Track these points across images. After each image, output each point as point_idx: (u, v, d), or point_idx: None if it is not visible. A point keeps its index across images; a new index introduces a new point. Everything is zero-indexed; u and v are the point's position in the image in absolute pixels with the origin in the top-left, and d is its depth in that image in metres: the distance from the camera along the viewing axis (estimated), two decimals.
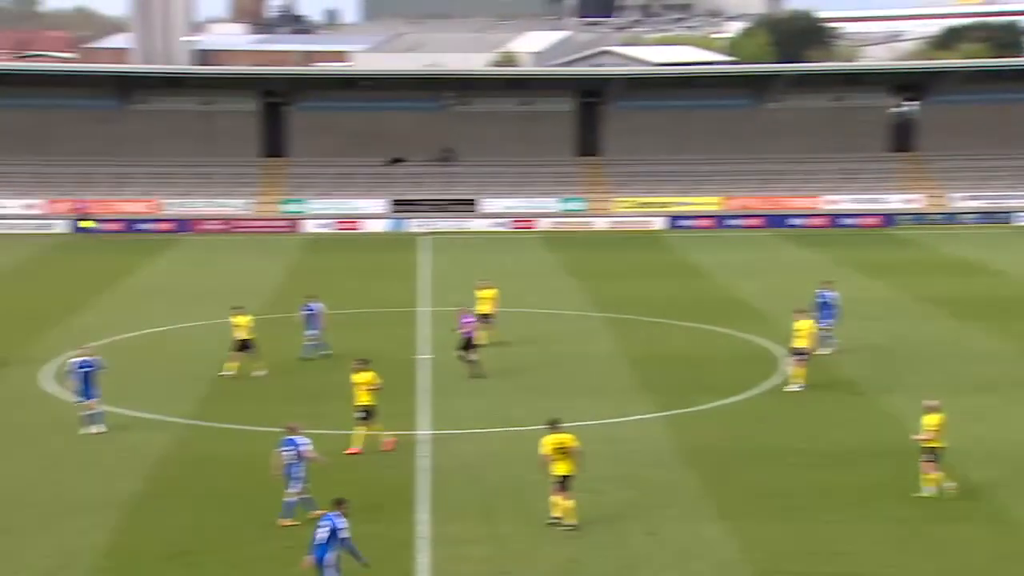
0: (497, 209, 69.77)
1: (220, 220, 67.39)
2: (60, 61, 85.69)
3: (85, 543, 20.61)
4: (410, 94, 74.75)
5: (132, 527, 21.55)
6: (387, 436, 26.11)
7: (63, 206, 67.31)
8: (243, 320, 32.37)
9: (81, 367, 27.02)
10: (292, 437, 21.61)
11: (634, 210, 69.99)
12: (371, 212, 69.32)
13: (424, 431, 27.73)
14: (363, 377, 25.89)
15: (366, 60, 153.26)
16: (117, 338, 37.62)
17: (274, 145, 73.60)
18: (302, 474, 21.47)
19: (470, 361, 32.71)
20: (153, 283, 49.70)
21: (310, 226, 67.47)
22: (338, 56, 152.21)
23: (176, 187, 69.89)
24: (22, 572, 19.46)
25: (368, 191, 70.95)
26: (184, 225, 66.55)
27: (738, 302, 44.71)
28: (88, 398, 26.97)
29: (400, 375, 33.09)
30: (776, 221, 68.05)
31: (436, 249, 60.26)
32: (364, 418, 25.76)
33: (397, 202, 70.08)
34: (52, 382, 31.87)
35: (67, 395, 30.20)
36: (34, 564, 19.72)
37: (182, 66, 77.46)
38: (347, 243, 63.27)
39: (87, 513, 22.04)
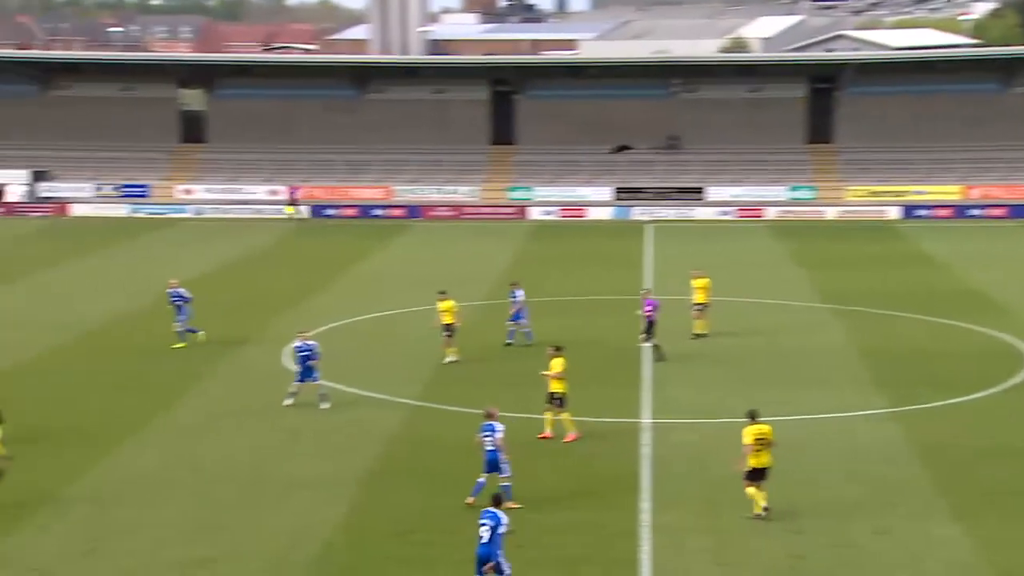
0: (723, 197, 68.86)
1: (449, 206, 68.91)
2: (303, 53, 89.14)
3: (319, 518, 21.50)
4: (637, 81, 74.54)
5: (362, 504, 22.35)
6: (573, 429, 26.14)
7: (301, 192, 70.16)
8: (447, 305, 32.98)
9: (299, 351, 28.20)
10: (491, 423, 21.90)
11: (867, 199, 67.87)
12: (596, 200, 69.54)
13: (646, 419, 27.70)
14: (553, 364, 25.97)
15: (594, 48, 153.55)
16: (350, 320, 39.01)
17: (502, 133, 74.73)
18: (506, 458, 21.69)
19: (653, 345, 32.96)
20: (385, 268, 51.26)
21: (536, 213, 68.21)
22: (566, 44, 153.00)
23: (408, 174, 71.86)
24: (263, 543, 20.44)
25: (593, 179, 71.23)
26: (415, 211, 68.34)
27: (978, 295, 42.80)
28: (303, 380, 28.14)
29: (624, 363, 33.20)
30: (1022, 211, 64.74)
31: (660, 237, 59.99)
32: (556, 404, 25.91)
33: (621, 190, 70.06)
34: (290, 361, 33.29)
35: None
36: (273, 536, 20.69)
37: (416, 56, 79.31)
38: (572, 230, 63.67)
39: (321, 489, 22.98)
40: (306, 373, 28.18)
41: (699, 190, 69.65)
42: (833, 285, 45.10)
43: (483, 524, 17.49)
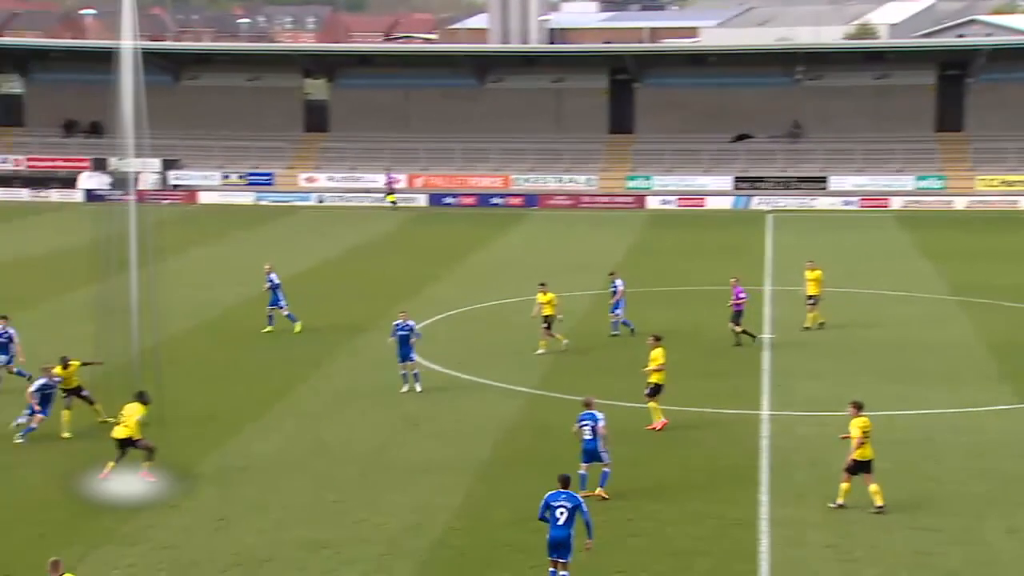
0: (847, 187, 67.58)
1: (566, 195, 68.93)
2: (423, 42, 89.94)
3: (440, 502, 21.75)
4: (759, 69, 73.48)
5: (480, 491, 22.54)
6: (660, 418, 26.00)
7: (421, 180, 70.88)
8: (547, 297, 32.87)
9: (398, 329, 28.64)
10: (591, 412, 21.85)
11: (999, 188, 65.97)
12: (715, 189, 68.84)
13: (766, 411, 27.40)
14: (654, 355, 25.94)
15: (715, 35, 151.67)
16: (467, 308, 39.31)
17: (621, 122, 74.42)
18: (605, 447, 21.63)
19: (738, 333, 33.11)
20: (503, 256, 51.51)
21: (654, 202, 67.82)
22: (687, 32, 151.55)
23: (526, 163, 72.05)
24: (386, 524, 20.77)
25: (712, 168, 70.53)
26: (532, 200, 68.51)
27: None
28: (404, 360, 28.63)
29: (743, 354, 32.88)
30: None
31: (781, 227, 59.14)
32: (649, 394, 25.90)
33: (741, 179, 69.25)
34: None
35: (423, 361, 31.93)
36: (393, 520, 20.99)
37: (536, 45, 79.35)
38: (690, 220, 63.16)
39: (439, 474, 23.24)
40: (405, 352, 28.54)
41: (822, 179, 68.47)
42: (961, 277, 43.98)
43: (560, 506, 17.32)
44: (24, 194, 70.86)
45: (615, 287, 35.03)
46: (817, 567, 19.14)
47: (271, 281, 35.88)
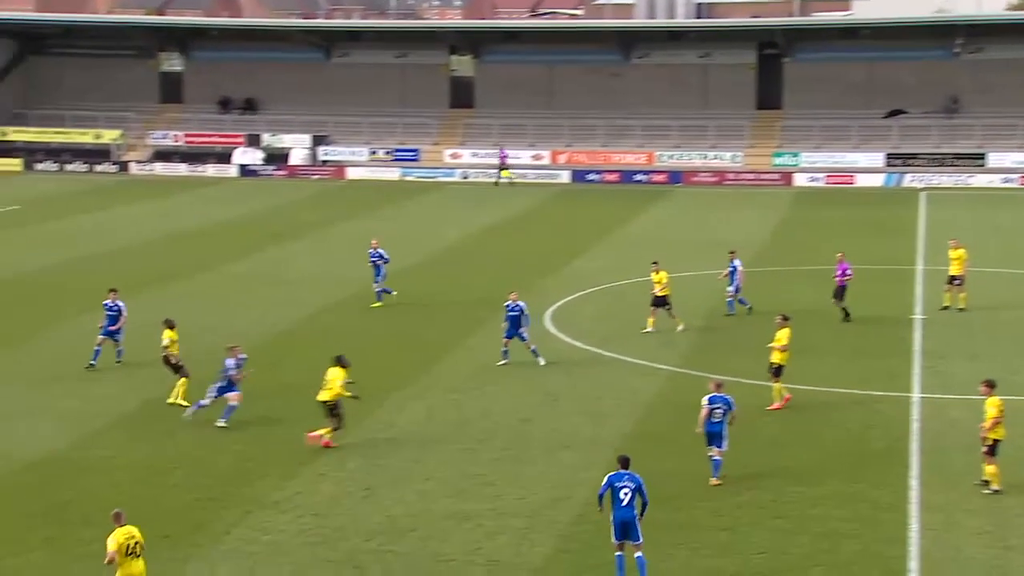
0: (1006, 164, 65.13)
1: (711, 172, 68.05)
2: (568, 18, 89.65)
3: (581, 477, 21.74)
4: (914, 42, 71.15)
5: None
6: (781, 399, 25.62)
7: (564, 157, 70.80)
8: (660, 277, 32.31)
9: (511, 311, 28.87)
10: (723, 394, 21.53)
11: None
12: (866, 166, 67.07)
13: (917, 393, 26.65)
14: (779, 335, 25.57)
15: (868, 7, 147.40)
16: (610, 285, 39.14)
17: (768, 97, 73.03)
18: (725, 432, 21.33)
19: (842, 309, 32.59)
20: (646, 232, 51.12)
21: (801, 179, 66.45)
22: (839, 4, 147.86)
23: (670, 139, 71.32)
24: (528, 497, 20.87)
25: (863, 144, 68.71)
26: (677, 177, 67.82)
27: None
28: (509, 337, 28.84)
29: (895, 335, 32.07)
30: None
31: (935, 205, 57.36)
32: (773, 373, 25.57)
33: (893, 156, 67.33)
34: (553, 323, 33.73)
35: (566, 336, 31.96)
36: (535, 494, 21.07)
37: (682, 20, 78.34)
38: (839, 197, 61.71)
39: (582, 449, 23.23)
40: (512, 332, 28.79)
41: (980, 156, 66.13)
42: None
43: (623, 487, 17.35)
44: (182, 168, 73.12)
45: (733, 266, 34.32)
46: (970, 553, 18.56)
47: (378, 256, 36.07)
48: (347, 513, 20.20)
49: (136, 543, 15.98)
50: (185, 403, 25.62)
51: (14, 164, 74.53)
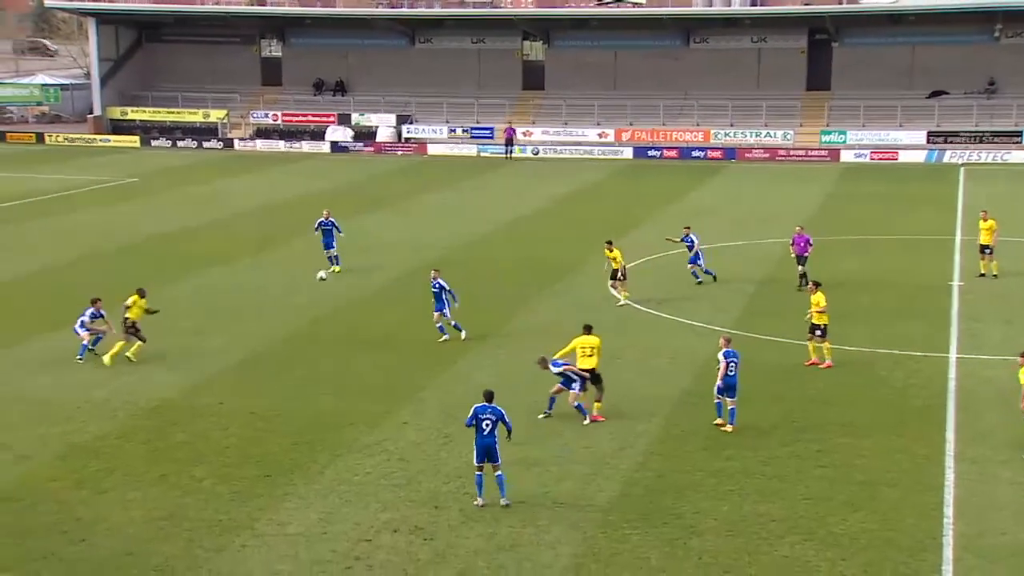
0: None
1: (764, 149, 67.17)
2: (632, 6, 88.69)
3: (639, 430, 21.70)
4: (957, 28, 69.39)
5: (678, 421, 22.34)
6: (830, 357, 25.36)
7: (627, 135, 70.28)
8: (614, 254, 31.61)
9: (433, 287, 27.83)
10: (733, 349, 21.58)
11: None
12: (908, 143, 65.72)
13: (953, 354, 26.18)
14: (815, 299, 25.47)
15: None
16: (669, 254, 38.83)
17: (818, 79, 71.86)
18: (735, 383, 21.41)
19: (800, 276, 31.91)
20: (701, 205, 50.61)
21: (847, 156, 65.33)
22: None
23: (725, 118, 70.45)
24: (593, 447, 20.90)
25: (906, 123, 67.32)
26: (731, 153, 67.05)
27: None
28: (438, 311, 27.83)
29: (933, 300, 31.50)
30: None
31: (974, 180, 56.08)
32: (819, 335, 25.37)
33: (934, 134, 65.88)
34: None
35: (628, 300, 31.81)
36: (598, 444, 21.08)
37: (738, 8, 77.15)
38: (883, 172, 60.57)
39: (643, 403, 23.15)
40: (440, 307, 27.79)
41: (1017, 134, 64.47)
42: None
43: (486, 418, 18.07)
44: (280, 145, 73.74)
45: (690, 241, 33.77)
46: (1004, 500, 18.25)
47: (329, 224, 35.78)
48: (428, 458, 20.35)
49: None
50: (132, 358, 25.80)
51: (133, 141, 75.72)
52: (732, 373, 21.47)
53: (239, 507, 18.25)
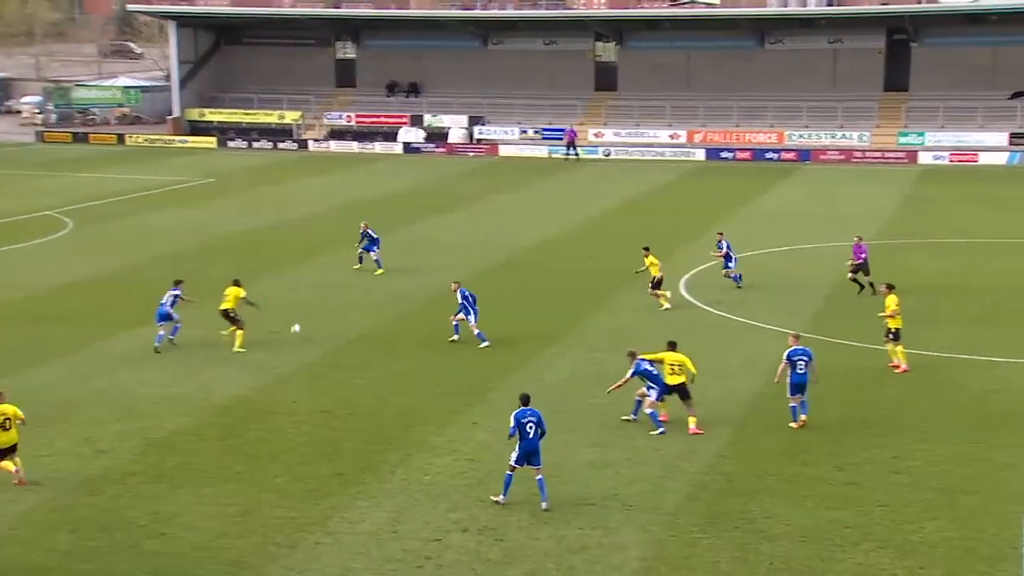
0: None
1: (839, 150, 66.23)
2: (706, 7, 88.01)
3: (712, 432, 21.51)
4: None
5: (750, 423, 22.12)
6: (906, 361, 25.01)
7: (699, 136, 69.79)
8: (650, 260, 31.24)
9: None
10: (803, 347, 21.67)
11: None
12: (989, 145, 64.33)
13: None
14: (887, 302, 25.13)
15: None
16: (741, 255, 38.45)
17: (896, 80, 70.64)
18: (814, 379, 21.45)
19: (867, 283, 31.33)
20: (775, 207, 50.08)
21: (926, 158, 64.12)
22: None
23: (800, 120, 69.60)
24: (663, 449, 20.77)
25: (987, 124, 65.88)
26: (805, 155, 66.21)
27: None
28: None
29: (1015, 306, 30.83)
30: None
31: None
32: (892, 338, 24.98)
33: (1016, 135, 64.38)
34: (687, 290, 33.37)
35: (698, 301, 31.61)
36: (672, 444, 20.95)
37: (814, 8, 76.15)
38: (963, 175, 59.35)
39: (714, 406, 22.90)
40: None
41: None
42: None
43: (528, 422, 18.11)
44: (354, 146, 74.43)
45: (721, 246, 33.42)
46: None
47: (366, 235, 36.24)
48: (497, 458, 20.36)
49: (6, 419, 18.89)
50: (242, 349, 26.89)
51: (210, 142, 76.99)
52: (802, 371, 21.34)
53: (312, 505, 18.47)
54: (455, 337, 27.79)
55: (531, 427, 18.24)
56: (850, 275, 32.12)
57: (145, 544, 17.12)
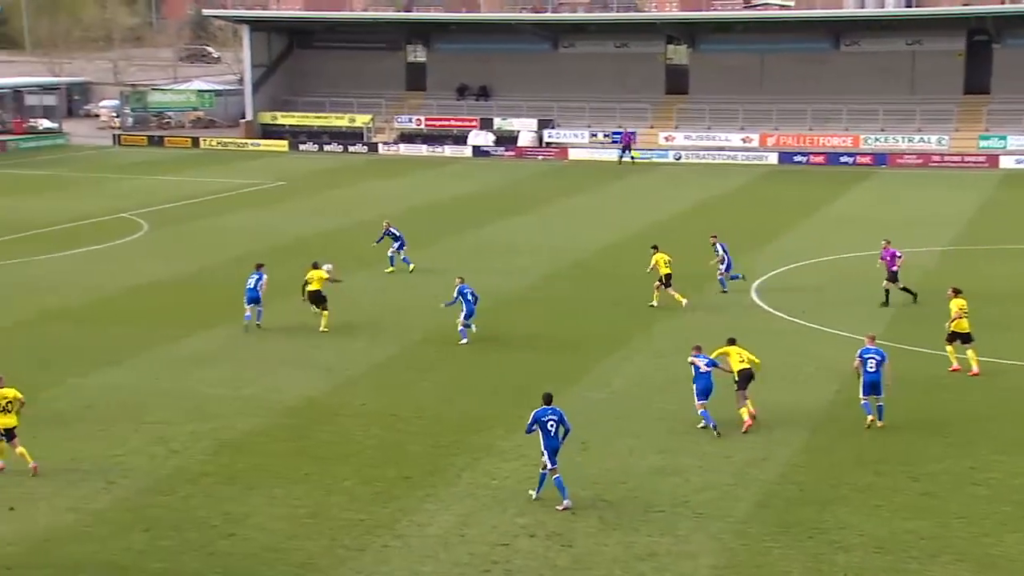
0: None
1: (916, 155, 65.11)
2: (780, 8, 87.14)
3: (784, 438, 21.28)
4: None
5: (823, 431, 21.83)
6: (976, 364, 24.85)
7: (772, 139, 69.10)
8: (660, 257, 31.36)
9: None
10: (875, 347, 21.55)
11: None
12: None
13: None
14: (957, 303, 24.97)
15: None
16: (815, 261, 38.02)
17: (976, 82, 69.24)
18: (887, 381, 21.38)
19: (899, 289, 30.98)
20: (849, 212, 49.38)
21: (1007, 162, 62.74)
22: None
23: (876, 123, 68.58)
24: (733, 456, 20.61)
25: None
26: (882, 159, 65.21)
27: None
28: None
29: None
30: None
31: None
32: (961, 342, 24.83)
33: None
34: (758, 295, 33.05)
35: (770, 308, 31.27)
36: (739, 454, 20.75)
37: (892, 9, 75.04)
38: None
39: (786, 412, 22.70)
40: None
41: None
42: None
43: (549, 420, 18.38)
44: (423, 149, 74.90)
45: (719, 249, 33.14)
46: None
47: (390, 233, 36.59)
48: (565, 465, 20.27)
49: (8, 402, 19.56)
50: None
51: (281, 145, 78.00)
52: (874, 370, 21.28)
53: (380, 507, 18.60)
54: (464, 341, 27.89)
55: (552, 425, 18.46)
56: (885, 283, 31.35)
57: (217, 544, 17.38)
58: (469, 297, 28.05)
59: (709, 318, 30.45)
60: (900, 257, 31.69)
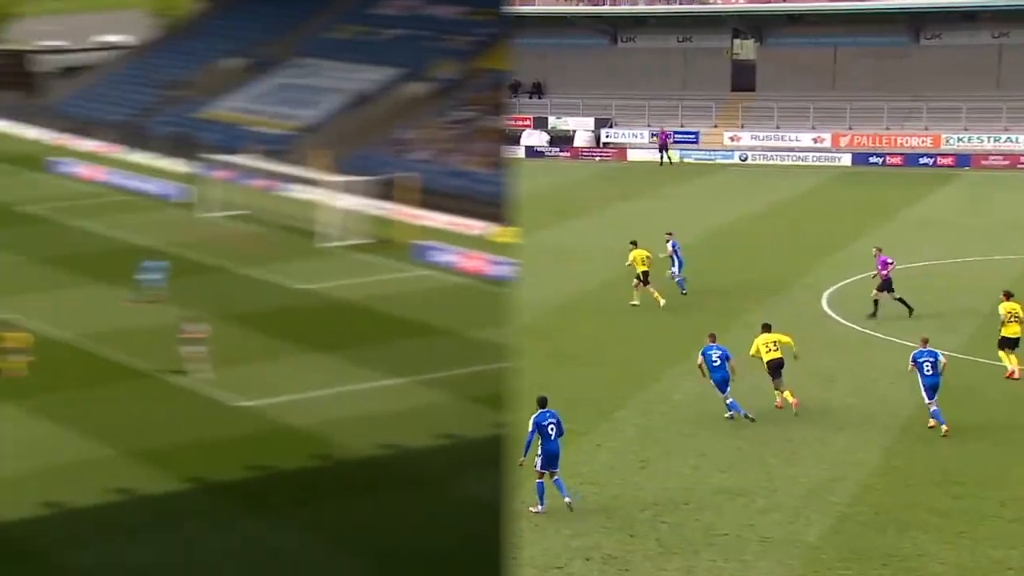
0: None
1: (1003, 155, 64.10)
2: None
3: (857, 459, 21.05)
4: None
5: (901, 450, 21.57)
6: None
7: (845, 139, 68.45)
8: (639, 254, 32.03)
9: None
10: (929, 349, 22.21)
11: None
12: None
13: None
14: (1006, 307, 25.21)
15: None
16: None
17: None
18: (939, 382, 21.73)
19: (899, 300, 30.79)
20: (930, 216, 48.74)
21: None
22: None
23: (959, 122, 67.62)
24: (802, 477, 20.42)
25: None
26: (964, 160, 64.29)
27: None
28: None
29: None
30: None
31: None
32: (1009, 347, 25.06)
33: None
34: (829, 305, 32.70)
35: (842, 318, 30.93)
36: (808, 473, 20.55)
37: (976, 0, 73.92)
38: None
39: (858, 430, 22.47)
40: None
41: None
42: None
43: (549, 423, 18.67)
44: None
45: (670, 247, 33.51)
46: None
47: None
48: (623, 483, 20.25)
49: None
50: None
51: None
52: (930, 372, 21.73)
53: None
54: None
55: (552, 428, 18.74)
56: (874, 293, 30.87)
57: None
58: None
59: (778, 329, 30.10)
60: (891, 264, 31.17)
